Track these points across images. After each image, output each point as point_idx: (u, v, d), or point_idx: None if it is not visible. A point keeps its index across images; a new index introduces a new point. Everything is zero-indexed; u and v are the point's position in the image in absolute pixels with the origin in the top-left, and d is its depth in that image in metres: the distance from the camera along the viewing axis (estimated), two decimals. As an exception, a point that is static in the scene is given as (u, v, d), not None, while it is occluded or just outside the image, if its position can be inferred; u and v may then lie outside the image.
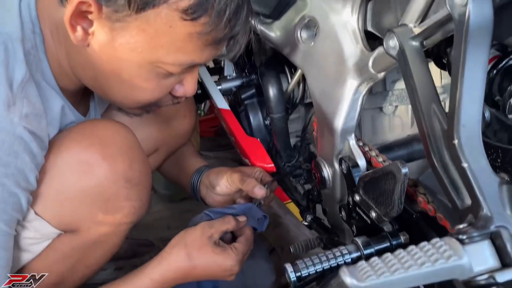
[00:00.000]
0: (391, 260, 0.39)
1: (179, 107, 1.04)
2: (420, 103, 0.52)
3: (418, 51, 0.57)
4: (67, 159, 0.73)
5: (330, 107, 0.80)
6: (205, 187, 1.01)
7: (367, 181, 0.72)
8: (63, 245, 0.78)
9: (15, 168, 0.64)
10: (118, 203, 0.77)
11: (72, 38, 0.65)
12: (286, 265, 0.67)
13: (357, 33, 0.77)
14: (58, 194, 0.73)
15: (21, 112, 0.65)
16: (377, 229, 0.72)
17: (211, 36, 0.64)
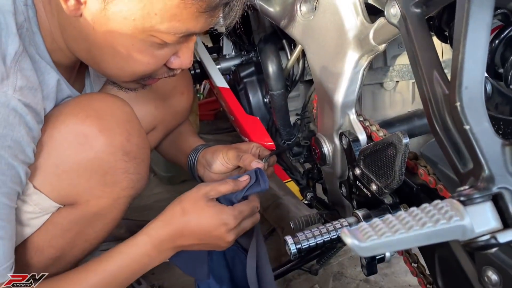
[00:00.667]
0: (392, 221, 0.38)
1: (176, 84, 1.03)
2: (422, 69, 0.51)
3: (420, 18, 0.56)
4: (64, 132, 0.72)
5: (330, 82, 0.80)
6: (203, 167, 1.00)
7: (367, 153, 0.71)
8: (63, 219, 0.78)
9: (11, 140, 0.63)
10: (116, 176, 0.77)
11: (65, 9, 0.64)
12: (286, 238, 0.67)
13: (357, 5, 0.75)
14: (56, 167, 0.73)
15: (15, 85, 0.64)
16: (378, 203, 0.72)
17: (206, 2, 0.63)
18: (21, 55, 0.67)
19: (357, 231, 0.38)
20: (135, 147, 0.78)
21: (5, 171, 0.64)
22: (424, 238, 0.37)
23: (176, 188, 1.65)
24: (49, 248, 0.79)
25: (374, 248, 0.37)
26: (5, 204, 0.66)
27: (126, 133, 0.77)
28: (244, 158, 0.92)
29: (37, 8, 0.70)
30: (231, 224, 0.79)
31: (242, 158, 0.92)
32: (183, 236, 0.79)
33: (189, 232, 0.78)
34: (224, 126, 2.11)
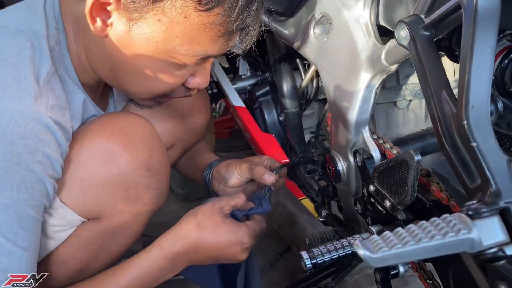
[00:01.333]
0: (403, 233, 0.40)
1: (194, 103, 1.07)
2: (431, 89, 0.53)
3: (429, 40, 0.58)
4: (90, 149, 0.76)
5: (344, 101, 0.82)
6: (217, 181, 1.03)
7: (381, 171, 0.73)
8: (87, 232, 0.80)
9: (42, 156, 0.67)
10: (139, 191, 0.79)
11: (92, 30, 0.68)
12: (302, 253, 0.68)
13: (369, 27, 0.78)
14: (82, 182, 0.76)
15: (47, 104, 0.68)
16: (392, 219, 0.74)
17: (224, 27, 0.67)
18: (53, 76, 0.71)
19: (369, 243, 0.40)
20: (157, 163, 0.81)
21: (35, 184, 0.67)
22: (433, 250, 0.39)
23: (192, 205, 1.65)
24: (73, 260, 0.81)
25: (385, 259, 0.39)
26: (32, 216, 0.69)
27: (148, 150, 0.80)
28: (256, 171, 0.94)
29: (67, 32, 0.75)
30: (247, 243, 0.81)
31: (254, 171, 0.94)
32: (197, 251, 0.80)
33: (203, 247, 0.80)
34: (239, 144, 2.13)
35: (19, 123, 0.64)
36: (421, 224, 0.41)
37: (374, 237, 0.40)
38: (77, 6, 0.71)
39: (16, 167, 0.64)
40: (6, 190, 0.64)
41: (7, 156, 0.63)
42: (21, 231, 0.67)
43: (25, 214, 0.67)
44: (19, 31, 0.70)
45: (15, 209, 0.65)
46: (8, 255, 0.67)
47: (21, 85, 0.66)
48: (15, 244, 0.67)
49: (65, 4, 0.74)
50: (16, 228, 0.66)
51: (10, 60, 0.67)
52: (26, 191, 0.66)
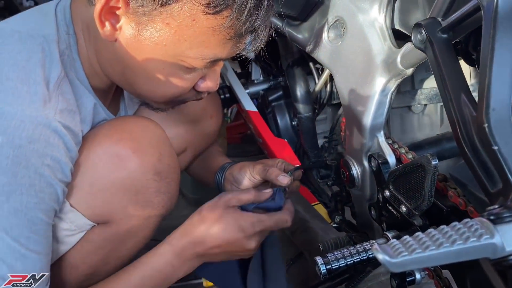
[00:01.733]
0: (423, 238, 0.39)
1: (206, 107, 1.07)
2: (450, 92, 0.52)
3: (446, 43, 0.57)
4: (99, 153, 0.76)
5: (358, 105, 0.81)
6: (230, 183, 1.02)
7: (397, 175, 0.72)
8: (96, 236, 0.80)
9: (51, 160, 0.67)
10: (148, 195, 0.79)
11: (101, 34, 0.68)
12: (316, 258, 0.67)
13: (384, 31, 0.78)
14: (91, 186, 0.76)
15: (56, 108, 0.68)
16: (408, 224, 0.72)
17: (233, 29, 0.67)
18: (63, 80, 0.71)
19: (388, 248, 0.39)
20: (167, 167, 0.81)
21: (44, 188, 0.67)
22: (454, 255, 0.38)
23: (203, 210, 1.67)
24: (83, 265, 0.82)
25: (405, 264, 0.38)
26: (43, 220, 0.69)
27: (158, 154, 0.80)
28: (271, 172, 0.93)
29: (78, 36, 0.75)
30: (249, 231, 0.80)
31: (269, 172, 0.93)
32: (203, 243, 0.80)
33: (209, 239, 0.80)
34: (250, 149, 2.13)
35: (28, 127, 0.64)
36: (441, 228, 0.40)
37: (394, 241, 0.39)
38: (88, 11, 0.71)
39: (25, 171, 0.64)
40: (15, 194, 0.65)
41: (15, 160, 0.64)
42: (33, 235, 0.68)
43: (36, 218, 0.67)
44: (30, 36, 0.70)
45: (25, 213, 0.66)
46: (22, 260, 0.67)
47: (30, 90, 0.66)
48: (28, 248, 0.67)
49: (76, 9, 0.75)
50: (28, 232, 0.67)
51: (21, 64, 0.67)
52: (35, 195, 0.66)
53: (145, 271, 0.79)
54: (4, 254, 0.66)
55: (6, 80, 0.65)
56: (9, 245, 0.66)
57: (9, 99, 0.64)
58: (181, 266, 0.81)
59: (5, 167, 0.63)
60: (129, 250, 0.86)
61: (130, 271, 0.80)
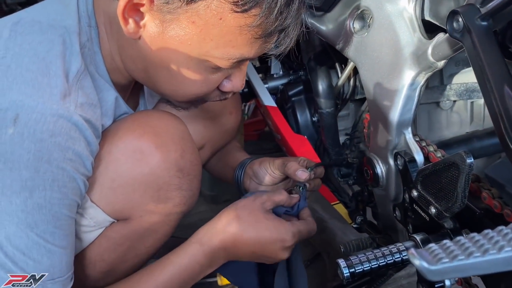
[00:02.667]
0: (465, 243, 0.35)
1: (225, 103, 1.04)
2: (492, 84, 0.48)
3: (487, 31, 0.53)
4: (121, 147, 0.73)
5: (385, 99, 0.77)
6: (249, 178, 0.99)
7: (426, 174, 0.68)
8: (115, 233, 0.78)
9: (73, 154, 0.65)
10: (170, 192, 0.77)
11: (125, 31, 0.66)
12: (339, 261, 0.64)
13: (414, 22, 0.73)
14: (112, 181, 0.74)
15: (76, 102, 0.66)
16: (437, 227, 0.68)
17: (261, 28, 0.63)
18: (83, 73, 0.69)
19: (426, 253, 0.35)
20: (189, 163, 0.79)
21: (67, 183, 0.65)
22: (502, 263, 0.34)
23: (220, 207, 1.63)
24: (101, 262, 0.80)
25: (445, 272, 0.34)
26: (67, 215, 0.67)
27: (180, 150, 0.77)
28: (289, 166, 0.90)
29: (100, 29, 0.73)
30: (289, 242, 0.78)
31: (287, 166, 0.90)
32: (236, 246, 0.77)
33: (243, 242, 0.77)
34: (267, 147, 2.10)
35: (49, 120, 0.62)
36: (485, 233, 0.36)
37: (432, 246, 0.35)
38: (111, 5, 0.68)
39: (47, 166, 0.62)
40: (38, 189, 0.63)
41: (37, 155, 0.62)
42: (58, 230, 0.66)
43: (60, 213, 0.66)
44: (51, 26, 0.68)
45: (49, 208, 0.64)
46: (49, 255, 0.66)
47: (51, 82, 0.64)
48: (54, 244, 0.66)
49: (98, 1, 0.72)
50: (53, 228, 0.65)
51: (41, 55, 0.65)
52: (59, 190, 0.64)
53: (174, 271, 0.77)
54: (30, 250, 0.64)
55: (27, 72, 0.63)
56: (34, 241, 0.64)
57: (29, 91, 0.62)
58: (210, 265, 0.79)
59: (27, 162, 0.61)
60: (148, 248, 0.83)
61: (159, 270, 0.77)
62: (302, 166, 0.90)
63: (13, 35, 0.66)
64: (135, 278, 0.77)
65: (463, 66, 0.91)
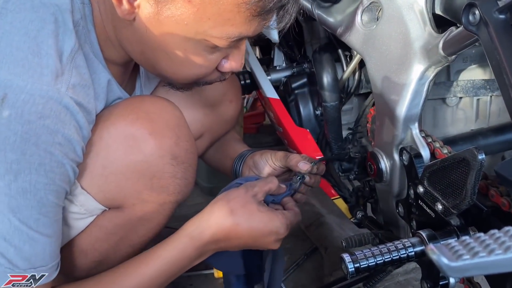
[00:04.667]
0: (485, 240, 0.34)
1: (225, 91, 1.02)
2: (510, 78, 0.47)
3: (505, 24, 0.52)
4: (113, 133, 0.71)
5: (392, 93, 0.76)
6: (248, 169, 0.98)
7: (434, 170, 0.67)
8: (107, 222, 0.76)
9: (62, 138, 0.62)
10: (164, 180, 0.75)
11: (118, 12, 0.64)
12: (344, 255, 0.62)
13: (424, 15, 0.72)
14: (104, 168, 0.72)
15: (69, 83, 0.64)
16: (443, 224, 0.67)
17: (260, 5, 0.61)
18: (77, 53, 0.66)
19: (445, 249, 0.34)
20: (184, 151, 0.77)
21: (55, 168, 0.63)
22: (524, 262, 0.33)
23: (217, 200, 1.63)
24: (92, 251, 0.78)
25: (465, 269, 0.33)
26: (53, 202, 0.65)
27: (175, 137, 0.75)
28: (292, 158, 0.89)
29: (93, 6, 0.70)
30: (282, 234, 0.77)
31: (289, 158, 0.89)
32: (228, 239, 0.76)
33: (236, 235, 0.75)
34: (266, 140, 2.09)
35: (38, 101, 0.60)
36: (506, 230, 0.35)
37: (452, 242, 0.34)
38: None
39: (34, 149, 0.60)
40: (24, 173, 0.60)
41: (24, 137, 0.59)
42: (43, 218, 0.64)
43: (45, 199, 0.63)
44: (43, 4, 0.65)
45: (34, 193, 0.61)
46: (31, 243, 0.63)
47: (42, 62, 0.61)
48: (37, 231, 0.63)
49: None
50: (37, 214, 0.63)
51: (32, 34, 0.62)
52: (45, 175, 0.62)
53: (162, 265, 0.75)
54: (11, 236, 0.62)
55: (17, 51, 0.61)
56: (16, 227, 0.62)
57: (18, 71, 0.60)
58: (199, 258, 0.78)
59: (13, 143, 0.59)
60: (141, 237, 0.81)
61: (146, 263, 0.75)
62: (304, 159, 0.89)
63: (3, 13, 0.63)
64: (120, 270, 0.75)
65: (471, 63, 0.90)
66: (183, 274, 1.26)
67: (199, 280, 1.26)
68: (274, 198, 0.84)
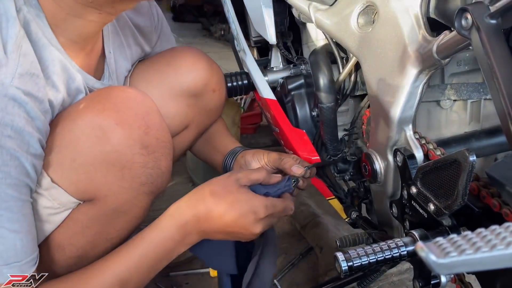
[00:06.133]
0: (472, 238, 0.35)
1: (207, 81, 1.01)
2: (500, 83, 0.48)
3: (496, 29, 0.53)
4: (80, 124, 0.71)
5: (387, 95, 0.77)
6: (239, 166, 0.98)
7: (426, 171, 0.68)
8: (82, 215, 0.76)
9: (12, 131, 0.62)
10: (134, 170, 0.74)
11: None
12: (337, 254, 0.63)
13: (419, 19, 0.73)
14: (73, 160, 0.71)
15: (15, 72, 0.63)
16: (435, 224, 0.68)
17: None
18: (23, 40, 0.65)
19: (434, 246, 0.35)
20: (154, 140, 0.76)
21: (8, 161, 0.62)
22: (509, 259, 0.34)
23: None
24: (69, 246, 0.77)
25: (453, 266, 0.34)
26: (13, 196, 0.64)
27: (144, 126, 0.74)
28: (285, 161, 0.90)
29: None
30: (261, 213, 0.76)
31: (283, 161, 0.90)
32: (209, 219, 0.75)
33: (216, 215, 0.75)
34: (263, 141, 2.10)
35: None
36: (492, 228, 0.36)
37: (440, 240, 0.35)
38: None
39: None
40: None
41: None
42: (6, 213, 0.63)
43: (4, 194, 0.62)
44: None
45: None
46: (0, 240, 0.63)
47: None
48: (3, 227, 0.62)
49: None
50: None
51: None
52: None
53: (146, 247, 0.75)
54: None
55: None
56: None
57: None
58: (183, 240, 0.77)
59: None
60: (118, 231, 0.80)
61: (130, 247, 0.75)
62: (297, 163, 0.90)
63: None
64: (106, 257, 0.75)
65: (464, 66, 0.91)
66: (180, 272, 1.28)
67: (195, 279, 1.27)
68: (268, 191, 0.83)
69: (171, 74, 0.98)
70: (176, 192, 1.70)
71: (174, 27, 5.44)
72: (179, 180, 1.78)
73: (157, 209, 1.58)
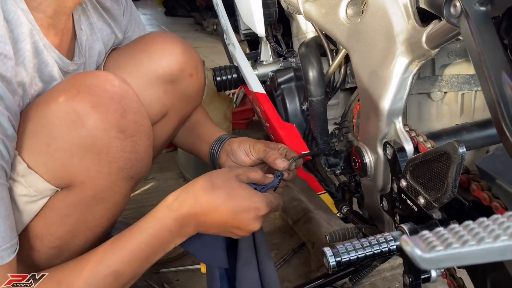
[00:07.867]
0: (459, 231, 0.34)
1: (182, 66, 0.98)
2: (489, 71, 0.47)
3: (485, 16, 0.51)
4: (55, 109, 0.69)
5: (377, 87, 0.75)
6: (226, 154, 0.96)
7: (416, 164, 0.67)
8: (60, 203, 0.74)
9: None
10: (111, 154, 0.72)
11: None
12: (325, 249, 0.62)
13: (408, 8, 0.71)
14: (49, 145, 0.69)
15: None
16: (425, 218, 0.67)
17: None
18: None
19: (419, 240, 0.33)
20: (132, 124, 0.74)
21: None
22: (497, 253, 0.33)
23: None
24: (48, 236, 0.75)
25: (438, 260, 0.32)
26: None
27: (121, 109, 0.73)
28: (270, 154, 0.89)
29: None
30: (262, 210, 0.75)
31: (268, 154, 0.89)
32: (207, 214, 0.74)
33: (215, 210, 0.74)
34: (256, 136, 2.08)
35: None
36: (480, 221, 0.35)
37: (425, 233, 0.34)
38: None
39: None
40: None
41: None
42: None
43: None
44: None
45: None
46: None
47: None
48: None
49: None
50: None
51: None
52: None
53: (142, 237, 0.73)
54: None
55: None
56: None
57: None
58: (179, 232, 0.75)
59: None
60: (98, 219, 0.78)
61: (125, 238, 0.73)
62: (281, 155, 0.89)
63: None
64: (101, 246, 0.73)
65: (455, 57, 0.90)
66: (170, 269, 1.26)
67: (185, 276, 1.25)
68: (257, 187, 0.83)
69: (145, 61, 0.95)
70: (168, 187, 1.69)
71: (166, 22, 5.40)
72: (171, 176, 1.76)
73: (148, 205, 1.58)
